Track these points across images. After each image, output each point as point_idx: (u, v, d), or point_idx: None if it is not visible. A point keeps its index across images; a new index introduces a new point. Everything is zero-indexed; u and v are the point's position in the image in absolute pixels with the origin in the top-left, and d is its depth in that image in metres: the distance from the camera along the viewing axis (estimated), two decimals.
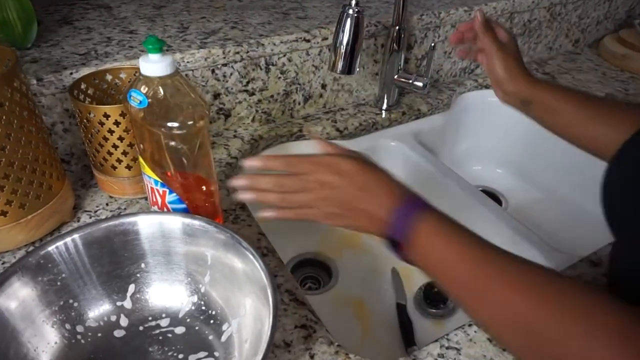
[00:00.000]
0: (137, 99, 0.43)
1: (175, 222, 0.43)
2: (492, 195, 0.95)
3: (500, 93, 0.61)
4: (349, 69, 0.63)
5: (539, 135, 0.97)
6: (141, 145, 0.47)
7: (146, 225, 0.43)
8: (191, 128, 0.45)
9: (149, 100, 0.43)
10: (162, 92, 0.43)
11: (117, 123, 0.55)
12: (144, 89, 0.43)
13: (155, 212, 0.43)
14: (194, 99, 0.45)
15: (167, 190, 0.47)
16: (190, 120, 0.44)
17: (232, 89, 0.74)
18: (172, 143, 0.45)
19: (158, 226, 0.43)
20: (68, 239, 0.41)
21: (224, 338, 0.42)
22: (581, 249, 0.68)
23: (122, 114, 0.55)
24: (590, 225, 0.89)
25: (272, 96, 0.78)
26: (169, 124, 0.44)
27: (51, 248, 0.42)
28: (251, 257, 0.39)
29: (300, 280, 0.83)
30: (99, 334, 0.44)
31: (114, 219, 0.43)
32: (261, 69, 0.74)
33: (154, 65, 0.42)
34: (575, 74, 1.00)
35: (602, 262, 0.57)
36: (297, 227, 0.88)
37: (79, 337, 0.43)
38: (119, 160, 0.58)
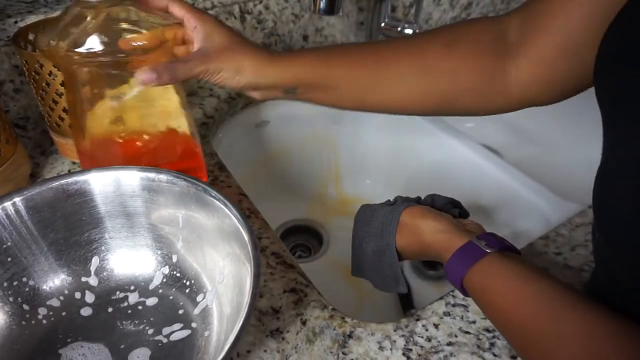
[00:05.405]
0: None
1: (133, 178, 0.37)
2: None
3: (256, 92, 0.42)
4: (330, 8, 0.56)
5: None
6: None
7: (100, 183, 0.37)
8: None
9: None
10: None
11: None
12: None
13: (109, 167, 0.37)
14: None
15: None
16: None
17: None
18: None
19: (114, 183, 0.37)
20: (7, 203, 0.35)
21: (200, 308, 0.37)
22: (587, 198, 0.64)
23: None
24: (592, 173, 0.86)
25: None
26: None
27: None
28: (221, 206, 0.33)
29: (290, 248, 0.79)
30: (63, 313, 0.38)
31: (62, 177, 0.36)
32: (235, 17, 0.67)
33: None
34: None
35: None
36: (284, 193, 0.82)
37: (39, 317, 0.37)
38: None
